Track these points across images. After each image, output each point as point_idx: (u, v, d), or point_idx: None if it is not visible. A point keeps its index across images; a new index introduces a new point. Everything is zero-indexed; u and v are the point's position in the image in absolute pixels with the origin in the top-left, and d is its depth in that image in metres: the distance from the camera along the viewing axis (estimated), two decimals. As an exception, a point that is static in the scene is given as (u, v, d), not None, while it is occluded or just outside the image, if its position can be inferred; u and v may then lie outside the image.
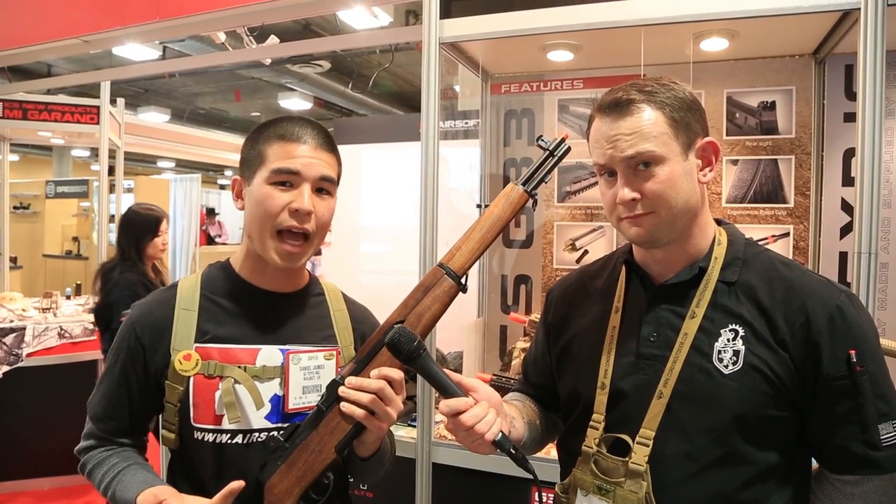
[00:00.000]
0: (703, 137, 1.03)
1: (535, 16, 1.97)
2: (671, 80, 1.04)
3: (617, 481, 1.01)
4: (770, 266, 1.04)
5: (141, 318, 1.13)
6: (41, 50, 3.20)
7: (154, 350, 1.10)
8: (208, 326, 1.11)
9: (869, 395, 0.94)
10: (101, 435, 1.13)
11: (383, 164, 3.54)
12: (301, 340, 1.15)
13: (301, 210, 1.07)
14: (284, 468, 1.03)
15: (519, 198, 1.10)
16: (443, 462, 2.02)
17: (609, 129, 1.02)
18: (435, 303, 1.07)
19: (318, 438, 1.04)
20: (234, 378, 1.08)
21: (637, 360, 1.04)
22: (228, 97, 9.31)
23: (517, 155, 2.75)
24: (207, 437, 1.08)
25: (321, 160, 1.11)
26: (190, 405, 1.08)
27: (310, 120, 1.15)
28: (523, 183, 1.11)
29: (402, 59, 6.37)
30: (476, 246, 1.09)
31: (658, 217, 1.01)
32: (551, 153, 1.12)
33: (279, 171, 1.08)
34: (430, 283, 1.07)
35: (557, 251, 2.69)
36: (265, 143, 1.11)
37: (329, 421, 1.04)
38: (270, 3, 2.50)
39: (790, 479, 1.00)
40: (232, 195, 1.18)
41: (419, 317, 1.06)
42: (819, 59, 2.31)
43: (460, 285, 1.08)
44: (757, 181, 2.40)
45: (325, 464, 1.03)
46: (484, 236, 1.09)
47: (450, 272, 1.07)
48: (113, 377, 1.13)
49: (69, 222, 8.87)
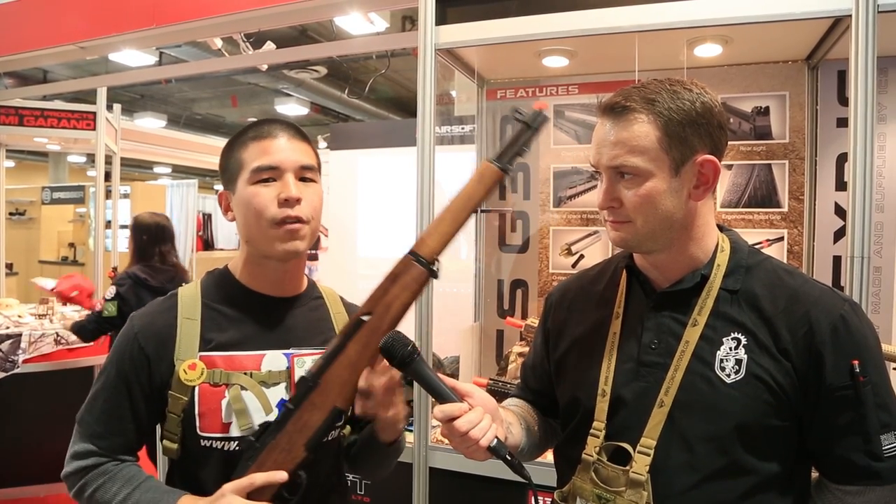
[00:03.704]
0: (703, 154, 0.99)
1: (531, 22, 1.98)
2: (686, 86, 1.00)
3: (617, 490, 0.99)
4: (773, 274, 1.03)
5: (144, 329, 1.11)
6: (37, 56, 3.21)
7: (159, 360, 1.08)
8: (211, 334, 1.11)
9: (871, 405, 0.94)
10: (102, 453, 1.09)
11: (380, 170, 3.55)
12: (304, 343, 1.15)
13: (290, 198, 1.07)
14: (254, 469, 1.02)
15: (491, 174, 1.04)
16: (439, 466, 2.02)
17: (602, 133, 1.01)
18: (404, 291, 1.03)
19: (287, 437, 1.02)
20: (240, 385, 1.08)
21: (638, 368, 1.03)
22: (225, 103, 9.30)
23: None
24: (216, 444, 1.07)
25: (297, 150, 1.12)
26: (195, 414, 1.07)
27: (278, 119, 1.17)
28: (497, 159, 1.05)
29: (398, 65, 6.37)
30: (447, 228, 1.04)
31: (635, 227, 1.00)
32: (528, 125, 1.05)
33: (259, 169, 1.09)
34: (399, 271, 1.04)
35: (553, 256, 2.70)
36: (241, 148, 1.12)
37: (298, 419, 1.02)
38: (267, 10, 2.51)
39: (790, 488, 1.00)
40: (220, 210, 1.18)
41: (387, 307, 1.02)
42: (812, 65, 2.32)
43: (431, 271, 1.04)
44: (751, 186, 2.41)
45: (295, 462, 1.02)
46: (455, 218, 1.04)
47: (419, 258, 1.03)
48: (113, 391, 1.09)
49: (65, 228, 8.84)
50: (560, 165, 2.68)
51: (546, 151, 2.69)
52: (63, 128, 4.59)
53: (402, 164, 3.11)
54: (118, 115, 5.17)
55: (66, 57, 3.24)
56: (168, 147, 8.93)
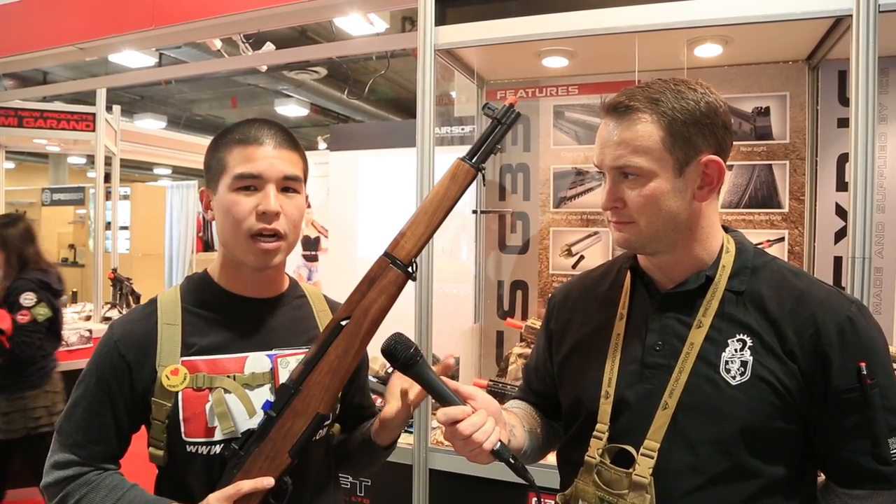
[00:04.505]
0: (708, 154, 0.98)
1: (530, 22, 1.98)
2: (691, 85, 0.99)
3: (620, 493, 0.98)
4: (779, 275, 1.02)
5: (124, 336, 1.09)
6: (37, 57, 3.21)
7: (140, 367, 1.07)
8: (193, 339, 1.10)
9: (879, 408, 0.93)
10: (83, 461, 1.07)
11: (380, 171, 3.54)
12: (287, 344, 1.15)
13: (268, 212, 1.06)
14: (240, 476, 1.02)
15: (466, 174, 1.05)
16: (439, 468, 2.02)
17: (606, 132, 1.01)
18: (381, 295, 1.03)
19: (271, 444, 1.02)
20: (224, 388, 1.07)
21: (642, 369, 1.02)
22: (225, 104, 9.31)
23: (513, 161, 2.76)
24: (201, 450, 1.07)
25: (283, 159, 1.09)
26: (180, 420, 1.06)
27: (268, 120, 1.14)
28: (470, 157, 1.05)
29: (398, 66, 6.37)
30: (423, 230, 1.04)
31: (638, 227, 0.99)
32: (499, 121, 1.06)
33: (241, 177, 1.07)
34: (375, 274, 1.04)
35: (553, 257, 2.70)
36: (225, 149, 1.10)
37: (281, 426, 1.03)
38: (266, 10, 2.51)
39: (796, 492, 0.98)
40: (201, 206, 1.17)
41: (365, 311, 1.03)
42: (813, 65, 2.32)
43: (408, 273, 1.04)
44: (752, 186, 2.40)
45: (280, 469, 1.02)
46: (430, 219, 1.04)
47: (395, 261, 1.04)
48: (93, 399, 1.08)
49: (65, 230, 8.84)
50: (560, 166, 2.67)
51: (546, 152, 2.69)
52: (63, 129, 4.59)
53: (402, 164, 3.11)
54: (118, 116, 5.17)
55: (65, 58, 3.24)
56: (168, 148, 8.93)
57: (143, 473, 1.13)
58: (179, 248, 8.57)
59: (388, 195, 3.45)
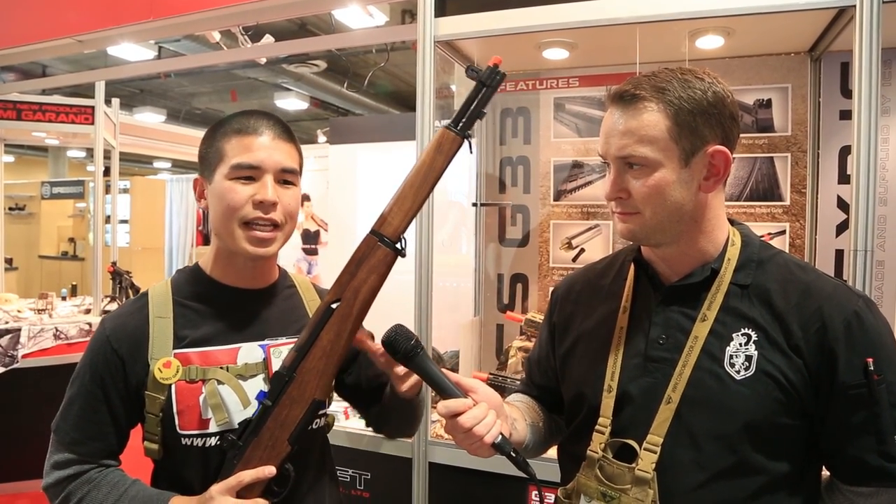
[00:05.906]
0: (714, 144, 0.96)
1: (531, 14, 1.97)
2: (698, 75, 0.98)
3: (622, 488, 0.97)
4: (785, 269, 1.00)
5: (116, 331, 1.09)
6: (35, 50, 3.19)
7: (133, 361, 1.07)
8: (185, 331, 1.10)
9: (886, 404, 0.91)
10: (83, 459, 1.07)
11: (380, 164, 3.53)
12: (279, 333, 1.15)
13: (266, 201, 1.06)
14: (240, 467, 1.01)
15: (451, 143, 1.00)
16: (439, 461, 2.01)
17: (611, 122, 0.99)
18: (371, 274, 1.01)
19: (269, 433, 1.02)
20: (217, 379, 1.07)
21: (645, 363, 1.01)
22: (224, 97, 9.28)
23: (513, 153, 2.75)
24: (196, 442, 1.06)
25: (280, 151, 1.09)
26: (174, 413, 1.05)
27: (266, 112, 1.13)
28: (455, 124, 1.00)
29: (398, 59, 6.35)
30: (409, 205, 1.01)
31: (643, 218, 0.98)
32: (484, 83, 1.00)
33: (239, 167, 1.07)
34: (364, 253, 1.01)
35: (554, 250, 2.69)
36: (222, 139, 1.09)
37: (278, 414, 1.02)
38: (265, 2, 2.49)
39: (800, 489, 0.98)
40: (194, 195, 1.16)
41: (355, 292, 1.01)
42: (815, 57, 2.30)
43: (396, 251, 1.01)
44: (753, 179, 2.39)
45: (280, 457, 1.02)
46: (417, 193, 1.01)
47: (383, 238, 1.01)
48: (89, 396, 1.07)
49: (65, 223, 8.84)
50: (560, 159, 2.66)
51: (546, 145, 2.68)
52: (62, 122, 4.56)
53: (402, 157, 3.10)
54: (117, 109, 5.14)
55: (63, 50, 3.22)
56: (168, 142, 8.90)
57: (140, 468, 1.12)
58: (179, 242, 8.57)
59: (388, 188, 3.45)
